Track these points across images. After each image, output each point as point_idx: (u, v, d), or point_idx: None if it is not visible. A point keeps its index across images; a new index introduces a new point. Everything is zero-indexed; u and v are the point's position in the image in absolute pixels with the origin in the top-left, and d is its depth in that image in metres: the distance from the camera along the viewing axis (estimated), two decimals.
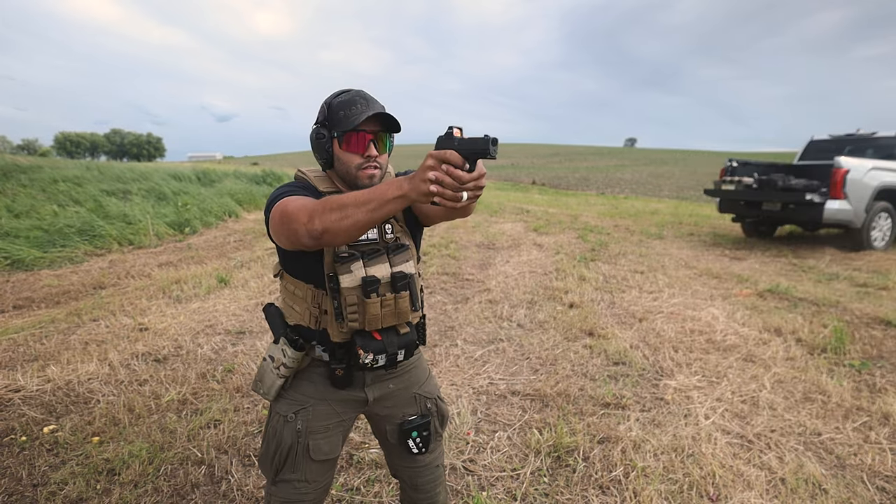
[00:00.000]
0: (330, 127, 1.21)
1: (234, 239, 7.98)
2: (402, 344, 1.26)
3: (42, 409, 2.67)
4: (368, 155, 1.20)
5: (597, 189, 25.29)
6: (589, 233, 9.12)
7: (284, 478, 1.28)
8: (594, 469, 2.22)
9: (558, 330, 3.97)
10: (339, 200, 1.00)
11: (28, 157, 14.56)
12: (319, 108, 1.25)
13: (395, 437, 1.39)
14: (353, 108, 1.19)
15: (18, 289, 4.88)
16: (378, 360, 1.23)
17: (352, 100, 1.20)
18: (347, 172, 1.23)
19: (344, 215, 0.98)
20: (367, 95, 1.23)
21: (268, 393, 1.29)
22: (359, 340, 1.21)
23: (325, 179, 1.27)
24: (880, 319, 4.18)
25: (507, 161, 54.05)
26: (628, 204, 16.85)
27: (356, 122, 1.16)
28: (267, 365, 1.29)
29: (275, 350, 1.28)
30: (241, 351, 3.49)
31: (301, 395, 1.29)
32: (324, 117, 1.23)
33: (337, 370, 1.24)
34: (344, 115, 1.19)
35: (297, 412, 1.27)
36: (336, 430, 1.32)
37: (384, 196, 0.96)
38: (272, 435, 1.29)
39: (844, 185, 6.90)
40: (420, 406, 1.41)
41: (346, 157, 1.21)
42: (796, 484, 2.13)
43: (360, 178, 1.22)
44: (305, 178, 1.28)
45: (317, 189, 1.24)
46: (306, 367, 1.30)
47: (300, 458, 1.27)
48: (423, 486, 1.46)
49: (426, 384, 1.44)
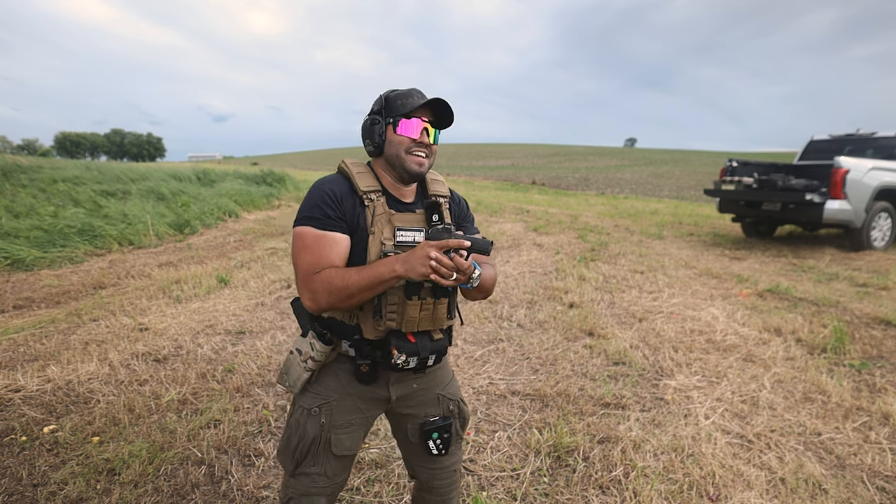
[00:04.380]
0: (385, 114, 1.27)
1: (234, 239, 7.98)
2: (435, 349, 1.27)
3: (42, 409, 2.67)
4: (420, 140, 1.25)
5: (597, 189, 25.29)
6: (589, 233, 9.12)
7: (304, 471, 1.28)
8: (594, 469, 2.22)
9: (558, 330, 3.97)
10: (346, 287, 1.14)
11: (28, 158, 14.56)
12: (375, 99, 1.31)
13: (415, 437, 1.39)
14: (410, 97, 1.26)
15: (18, 289, 4.88)
16: (409, 363, 1.23)
17: (409, 92, 1.28)
18: (397, 156, 1.25)
19: (347, 297, 1.15)
20: (422, 91, 1.29)
21: (293, 386, 1.30)
22: (393, 340, 1.22)
23: (367, 175, 1.28)
24: (880, 319, 4.18)
25: (507, 161, 54.04)
26: (628, 204, 16.85)
27: (413, 107, 1.24)
28: (294, 358, 1.29)
29: (302, 343, 1.28)
30: (241, 351, 3.49)
31: (325, 389, 1.30)
32: (380, 107, 1.28)
33: (362, 366, 1.25)
34: (401, 103, 1.25)
35: (321, 406, 1.28)
36: (358, 426, 1.33)
37: (381, 278, 1.13)
38: (295, 427, 1.29)
39: (844, 185, 6.90)
40: (443, 407, 1.41)
41: (399, 140, 1.25)
42: (796, 484, 2.13)
43: (409, 163, 1.25)
44: (348, 174, 1.28)
45: (356, 188, 1.24)
46: (331, 361, 1.30)
47: (321, 452, 1.28)
48: (438, 488, 1.45)
49: (450, 385, 1.44)
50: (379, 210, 1.24)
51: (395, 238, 1.24)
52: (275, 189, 13.97)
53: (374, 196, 1.25)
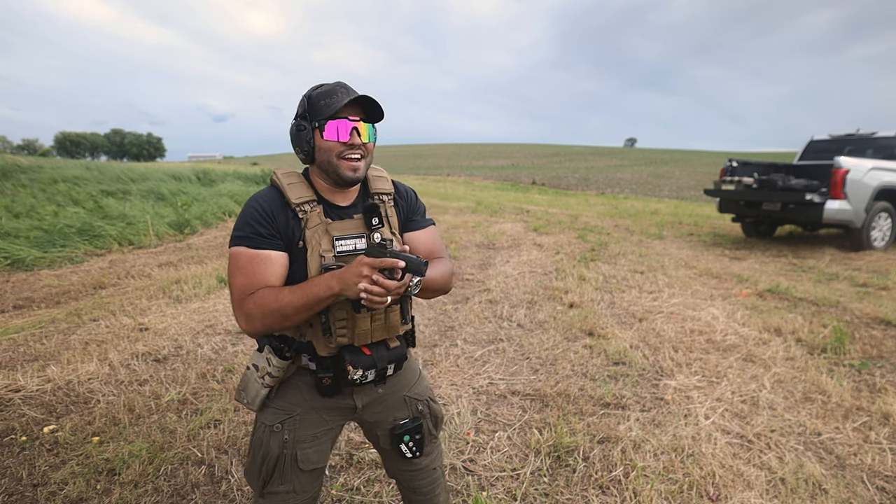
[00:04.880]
0: (311, 118, 1.17)
1: None
2: (392, 358, 1.24)
3: (42, 409, 2.67)
4: (351, 143, 1.16)
5: (597, 189, 25.29)
6: (589, 233, 9.12)
7: (273, 490, 1.24)
8: (594, 469, 2.22)
9: (558, 330, 3.97)
10: (279, 308, 1.09)
11: (28, 157, 14.56)
12: (299, 101, 1.21)
13: (387, 443, 1.36)
14: (333, 96, 1.16)
15: (18, 289, 4.88)
16: (367, 376, 1.20)
17: (332, 89, 1.17)
18: (329, 163, 1.17)
19: (283, 318, 1.10)
20: (347, 85, 1.19)
21: (252, 403, 1.24)
22: (347, 356, 1.17)
23: (299, 186, 1.20)
24: (880, 319, 4.18)
25: (507, 161, 54.05)
26: (628, 204, 16.85)
27: (337, 107, 1.14)
28: (251, 374, 1.24)
29: (259, 358, 1.23)
30: (241, 351, 3.48)
31: (287, 403, 1.25)
32: (304, 109, 1.19)
33: (324, 379, 1.20)
34: (325, 104, 1.15)
35: (283, 422, 1.23)
36: (325, 438, 1.28)
37: (318, 297, 1.08)
38: (258, 446, 1.24)
39: (844, 185, 6.89)
40: (411, 409, 1.37)
41: (328, 146, 1.16)
42: (796, 484, 2.13)
43: (342, 169, 1.17)
44: (279, 186, 1.20)
45: (288, 202, 1.18)
46: (292, 375, 1.25)
47: (288, 469, 1.23)
48: (420, 489, 1.43)
49: (416, 385, 1.40)
50: (314, 221, 1.17)
51: (334, 249, 1.18)
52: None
53: (307, 207, 1.18)
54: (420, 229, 1.36)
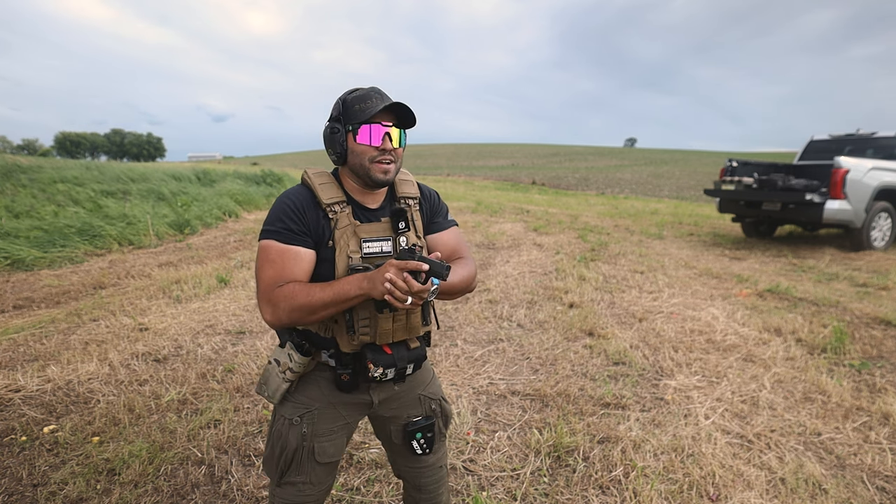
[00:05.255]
0: (345, 121, 1.21)
1: (234, 239, 7.98)
2: (412, 358, 1.27)
3: (42, 409, 2.67)
4: (383, 148, 1.19)
5: (597, 189, 25.29)
6: (589, 233, 9.12)
7: (289, 480, 1.28)
8: (594, 469, 2.22)
9: (558, 330, 3.97)
10: (309, 303, 1.12)
11: (28, 157, 14.56)
12: (334, 104, 1.25)
13: (399, 439, 1.40)
14: (368, 101, 1.20)
15: (18, 289, 4.88)
16: (387, 374, 1.23)
17: (367, 94, 1.21)
18: (361, 166, 1.21)
19: (310, 312, 1.14)
20: (381, 91, 1.24)
21: (272, 396, 1.29)
22: (369, 354, 1.21)
23: (330, 186, 1.24)
24: (880, 319, 4.18)
25: (507, 161, 54.03)
26: (628, 204, 16.85)
27: (371, 113, 1.17)
28: (272, 368, 1.28)
29: (280, 354, 1.27)
30: (241, 351, 3.49)
31: (306, 398, 1.29)
32: (338, 112, 1.22)
33: (343, 375, 1.24)
34: (359, 108, 1.19)
35: (302, 415, 1.27)
36: (341, 432, 1.33)
37: (348, 295, 1.12)
38: (277, 438, 1.28)
39: (844, 185, 6.90)
40: (425, 407, 1.41)
41: (361, 150, 1.20)
42: (796, 484, 2.13)
43: (374, 172, 1.21)
44: (310, 185, 1.24)
45: (319, 201, 1.21)
46: (312, 370, 1.29)
47: (305, 461, 1.27)
48: (426, 486, 1.46)
49: (430, 385, 1.44)
50: (343, 222, 1.21)
51: (361, 250, 1.22)
52: (275, 189, 13.98)
53: (337, 208, 1.22)
54: (443, 230, 1.40)
